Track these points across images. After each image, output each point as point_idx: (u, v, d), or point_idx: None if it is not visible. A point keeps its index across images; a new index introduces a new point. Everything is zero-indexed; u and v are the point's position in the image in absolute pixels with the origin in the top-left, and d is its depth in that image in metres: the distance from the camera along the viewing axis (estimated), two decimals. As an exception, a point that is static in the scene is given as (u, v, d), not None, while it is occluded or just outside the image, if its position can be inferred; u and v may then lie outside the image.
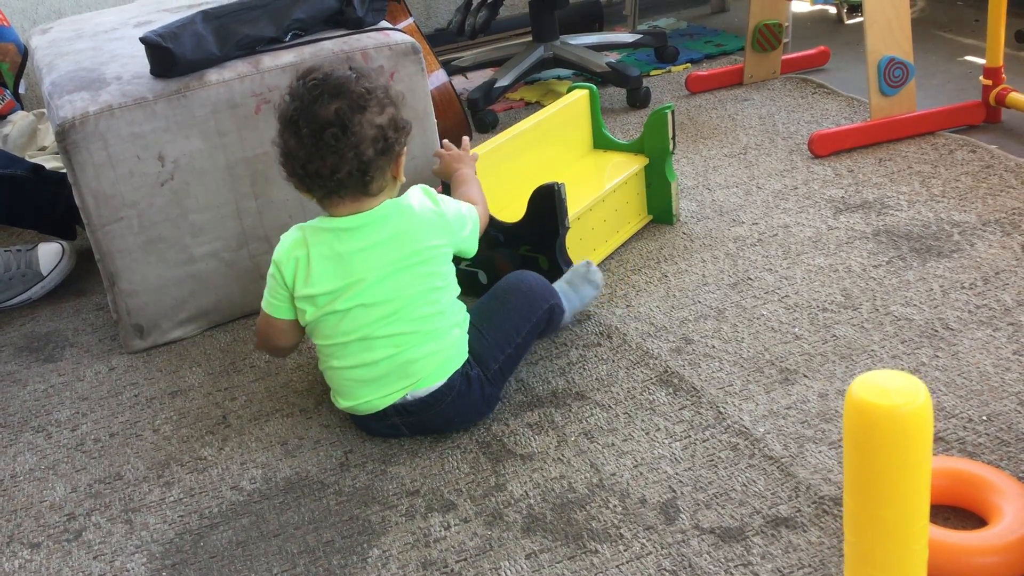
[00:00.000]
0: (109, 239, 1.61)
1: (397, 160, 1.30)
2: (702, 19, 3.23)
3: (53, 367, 1.69)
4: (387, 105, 1.27)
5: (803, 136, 2.17)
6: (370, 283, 1.28)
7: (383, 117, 1.26)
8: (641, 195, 1.86)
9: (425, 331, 1.31)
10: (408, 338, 1.30)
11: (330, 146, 1.22)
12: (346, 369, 1.33)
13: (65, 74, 1.69)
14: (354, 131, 1.23)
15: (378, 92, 1.26)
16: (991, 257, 1.61)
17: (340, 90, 1.23)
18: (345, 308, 1.29)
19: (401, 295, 1.29)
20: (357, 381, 1.33)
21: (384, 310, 1.29)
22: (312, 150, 1.23)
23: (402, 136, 1.29)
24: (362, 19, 1.73)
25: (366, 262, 1.28)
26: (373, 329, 1.29)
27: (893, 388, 0.70)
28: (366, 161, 1.24)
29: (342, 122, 1.22)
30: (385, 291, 1.29)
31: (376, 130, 1.25)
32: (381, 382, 1.32)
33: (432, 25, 3.20)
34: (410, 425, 1.35)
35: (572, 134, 1.91)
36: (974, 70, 2.38)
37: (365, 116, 1.24)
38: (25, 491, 1.38)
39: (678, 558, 1.11)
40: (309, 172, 1.25)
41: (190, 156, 1.61)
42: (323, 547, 1.20)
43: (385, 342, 1.30)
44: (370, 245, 1.29)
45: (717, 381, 1.40)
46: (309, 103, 1.23)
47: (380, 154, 1.26)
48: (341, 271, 1.29)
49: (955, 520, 1.12)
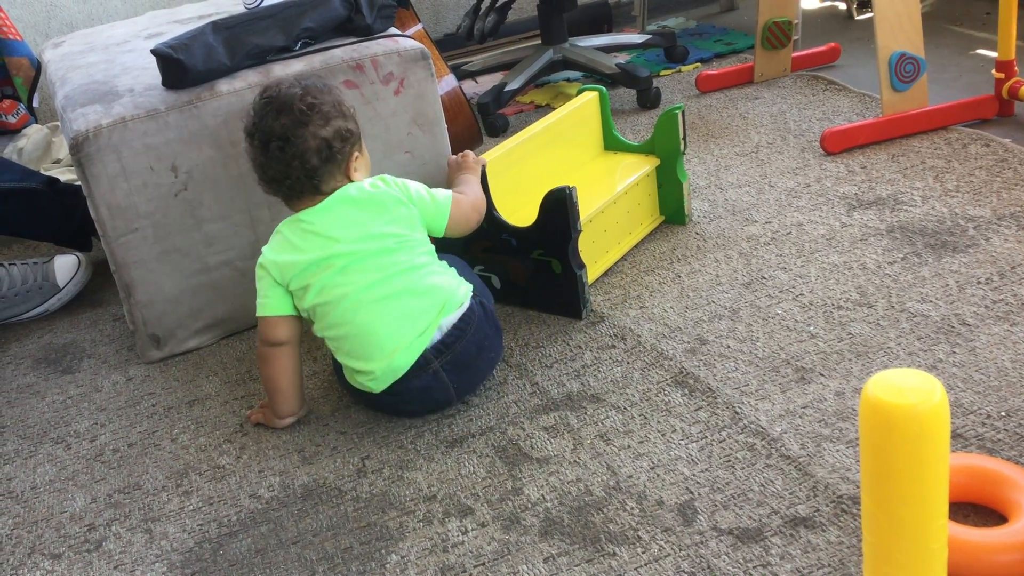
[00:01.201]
0: (124, 250, 1.62)
1: (347, 165, 1.41)
2: (711, 18, 3.23)
3: (71, 378, 1.70)
4: (333, 118, 1.40)
5: (815, 133, 2.16)
6: (351, 242, 1.37)
7: (327, 129, 1.38)
8: (653, 196, 1.86)
9: (426, 268, 1.40)
10: (419, 268, 1.39)
11: (276, 156, 1.38)
12: (373, 313, 1.36)
13: (78, 87, 1.70)
14: (295, 143, 1.37)
15: (323, 107, 1.39)
16: (1007, 251, 1.60)
17: (285, 107, 1.38)
18: (341, 269, 1.36)
19: (384, 249, 1.38)
20: (389, 322, 1.36)
21: (377, 265, 1.37)
22: (263, 159, 1.39)
23: (347, 145, 1.41)
24: (371, 26, 1.74)
25: (338, 226, 1.38)
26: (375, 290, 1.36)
27: (909, 387, 0.70)
28: (310, 169, 1.38)
29: (285, 135, 1.37)
30: (368, 247, 1.37)
31: (319, 141, 1.37)
32: (413, 315, 1.37)
33: (441, 30, 3.20)
34: (449, 366, 1.38)
35: (583, 136, 1.91)
36: (986, 64, 2.37)
37: (308, 129, 1.37)
38: (45, 502, 1.39)
39: (696, 560, 1.10)
40: (267, 177, 1.41)
41: (203, 166, 1.62)
42: (342, 554, 1.21)
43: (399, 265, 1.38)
44: (338, 216, 1.39)
45: (733, 381, 1.40)
46: (260, 118, 1.39)
47: (325, 162, 1.38)
48: (320, 241, 1.38)
49: (975, 517, 1.11)
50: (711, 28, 3.08)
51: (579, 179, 1.83)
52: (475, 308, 1.42)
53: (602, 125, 1.94)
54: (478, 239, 1.60)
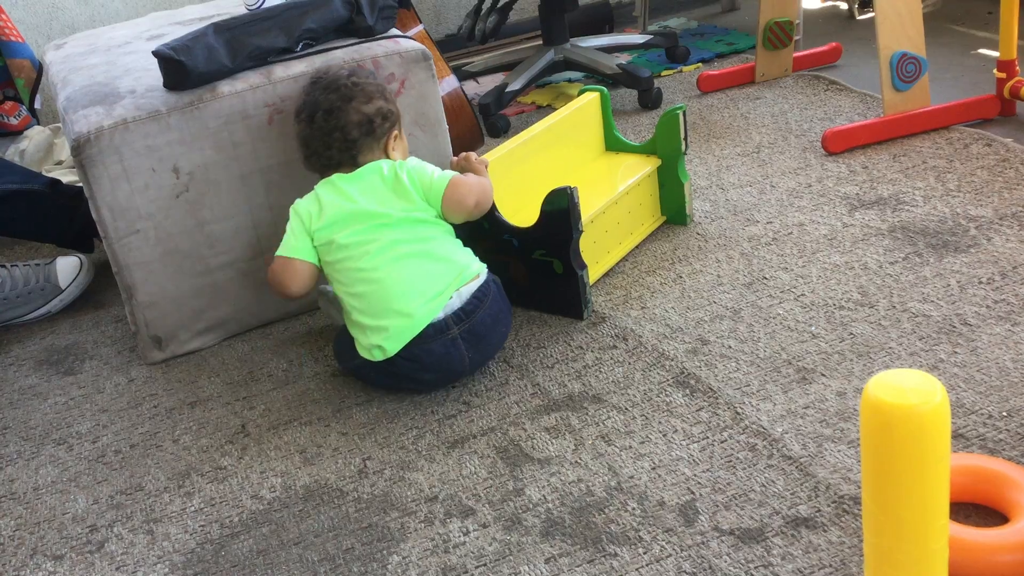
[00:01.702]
0: (126, 251, 1.62)
1: (385, 141, 1.52)
2: (712, 18, 3.23)
3: (73, 380, 1.71)
4: (375, 97, 1.51)
5: (816, 133, 2.16)
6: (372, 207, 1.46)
7: (370, 107, 1.50)
8: (654, 196, 1.86)
9: (443, 240, 1.49)
10: (431, 245, 1.47)
11: (319, 126, 1.49)
12: (395, 270, 1.43)
13: (79, 89, 1.71)
14: (338, 115, 1.48)
15: (367, 87, 1.52)
16: (1009, 251, 1.60)
17: (333, 84, 1.51)
18: (366, 227, 1.45)
19: (407, 219, 1.46)
20: (408, 282, 1.43)
21: (399, 228, 1.45)
22: (309, 132, 1.51)
23: (388, 123, 1.52)
24: (372, 27, 1.74)
25: (367, 192, 1.48)
26: (398, 247, 1.44)
27: (909, 387, 0.70)
28: (350, 140, 1.49)
29: (330, 107, 1.49)
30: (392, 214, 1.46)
31: (361, 116, 1.49)
32: (431, 276, 1.44)
33: (442, 31, 3.21)
34: (466, 334, 1.44)
35: (584, 137, 1.91)
36: (988, 63, 2.37)
37: (351, 104, 1.49)
38: (47, 503, 1.39)
39: (698, 560, 1.10)
40: (311, 151, 1.52)
41: (204, 168, 1.62)
42: (343, 555, 1.21)
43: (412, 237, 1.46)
44: (368, 184, 1.49)
45: (734, 382, 1.40)
46: (309, 94, 1.53)
47: (364, 135, 1.50)
48: (349, 202, 1.47)
49: (976, 517, 1.11)
50: (712, 28, 3.08)
51: (580, 179, 1.83)
52: (490, 283, 1.50)
53: (603, 126, 1.95)
54: (480, 239, 1.60)
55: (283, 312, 1.77)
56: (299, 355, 1.66)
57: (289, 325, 1.76)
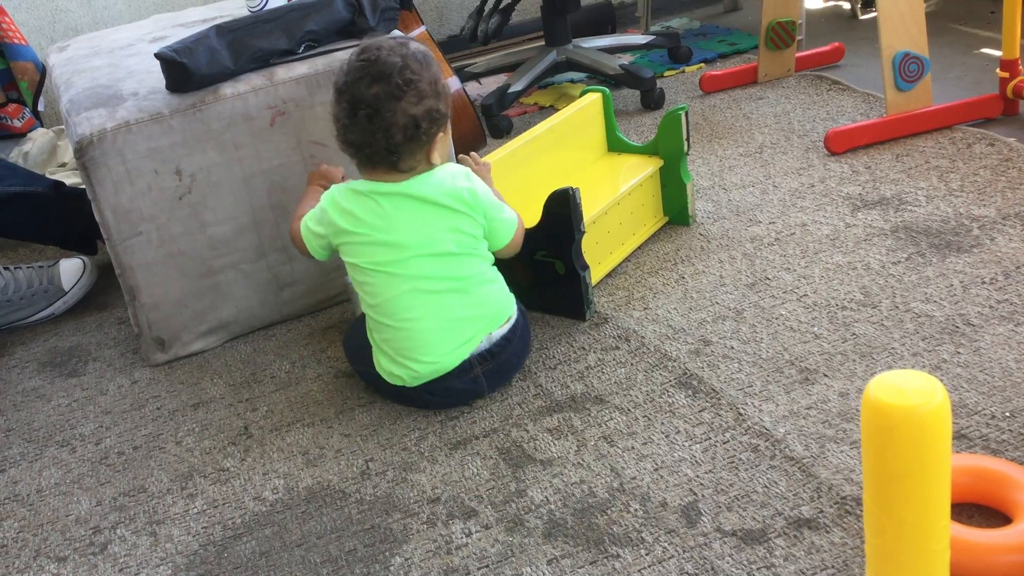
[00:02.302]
0: (129, 253, 1.62)
1: (430, 146, 1.37)
2: (715, 18, 3.22)
3: (76, 381, 1.71)
4: (426, 97, 1.34)
5: (819, 133, 2.16)
6: (411, 236, 1.37)
7: (419, 108, 1.33)
8: (657, 197, 1.86)
9: (484, 271, 1.42)
10: (473, 279, 1.40)
11: (361, 123, 1.33)
12: (417, 320, 1.38)
13: (82, 91, 1.71)
14: (384, 116, 1.32)
15: (420, 84, 1.33)
16: (1011, 251, 1.60)
17: (382, 76, 1.32)
18: (405, 257, 1.37)
19: (450, 246, 1.38)
20: (433, 332, 1.39)
21: (437, 263, 1.38)
22: (347, 123, 1.35)
23: (435, 127, 1.36)
24: (374, 29, 1.74)
25: (402, 221, 1.37)
26: (433, 270, 1.38)
27: (910, 388, 0.69)
28: (393, 144, 1.33)
29: (376, 106, 1.32)
30: (434, 243, 1.37)
31: (408, 119, 1.33)
32: (459, 327, 1.40)
33: (445, 32, 3.21)
34: (490, 372, 1.42)
35: (586, 138, 1.91)
36: (990, 63, 2.36)
37: (400, 105, 1.32)
38: (51, 505, 1.40)
39: (700, 561, 1.10)
40: (347, 140, 1.37)
41: (207, 169, 1.62)
42: (346, 556, 1.21)
43: (451, 284, 1.39)
44: (404, 211, 1.37)
45: (737, 382, 1.40)
46: (354, 80, 1.33)
47: (409, 140, 1.34)
48: (380, 226, 1.38)
49: (979, 518, 1.11)
50: (715, 28, 3.08)
51: (583, 180, 1.83)
52: (519, 320, 1.46)
53: (605, 126, 1.94)
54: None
55: (286, 314, 1.78)
56: (302, 357, 1.66)
57: (292, 327, 1.76)
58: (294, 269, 1.74)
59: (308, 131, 1.67)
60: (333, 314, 1.78)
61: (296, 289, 1.76)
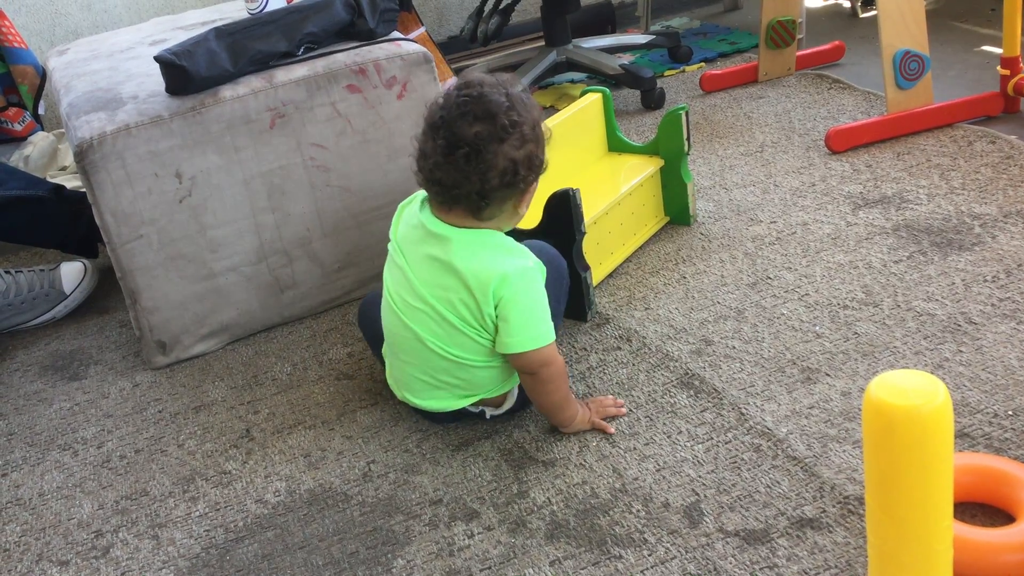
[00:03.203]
0: (130, 257, 1.62)
1: (521, 195, 1.29)
2: (715, 18, 3.22)
3: (78, 385, 1.71)
4: (528, 141, 1.25)
5: (820, 132, 2.15)
6: (425, 293, 1.29)
7: (520, 152, 1.24)
8: (657, 197, 1.85)
9: (485, 358, 1.32)
10: (468, 361, 1.31)
11: (458, 165, 1.22)
12: (407, 365, 1.35)
13: (82, 95, 1.71)
14: (486, 159, 1.22)
15: (524, 127, 1.24)
16: (1013, 249, 1.59)
17: (487, 115, 1.22)
18: (405, 299, 1.31)
19: (457, 322, 1.29)
20: (418, 381, 1.36)
21: (434, 326, 1.30)
22: (441, 160, 1.24)
23: (532, 174, 1.28)
24: (373, 30, 1.74)
25: (434, 273, 1.29)
26: (426, 335, 1.30)
27: (912, 388, 0.69)
28: (488, 189, 1.24)
29: (477, 147, 1.22)
30: (444, 310, 1.29)
31: (508, 163, 1.23)
32: (446, 388, 1.35)
33: (444, 33, 3.20)
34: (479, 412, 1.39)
35: (587, 138, 1.91)
36: (991, 60, 2.36)
37: (502, 147, 1.22)
38: (53, 509, 1.39)
39: (703, 562, 1.10)
40: (433, 178, 1.26)
41: (207, 172, 1.62)
42: (348, 558, 1.21)
43: (439, 354, 1.31)
44: (439, 259, 1.28)
45: (738, 382, 1.39)
46: (455, 117, 1.23)
47: (505, 186, 1.25)
48: (413, 263, 1.31)
49: (982, 517, 1.11)
50: (715, 28, 3.08)
51: (583, 181, 1.82)
52: (517, 403, 1.38)
53: (606, 126, 1.94)
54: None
55: (287, 316, 1.78)
56: (303, 359, 1.66)
57: (293, 329, 1.76)
58: (295, 271, 1.74)
59: (308, 133, 1.67)
60: (334, 316, 1.78)
61: (297, 292, 1.76)
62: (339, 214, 1.73)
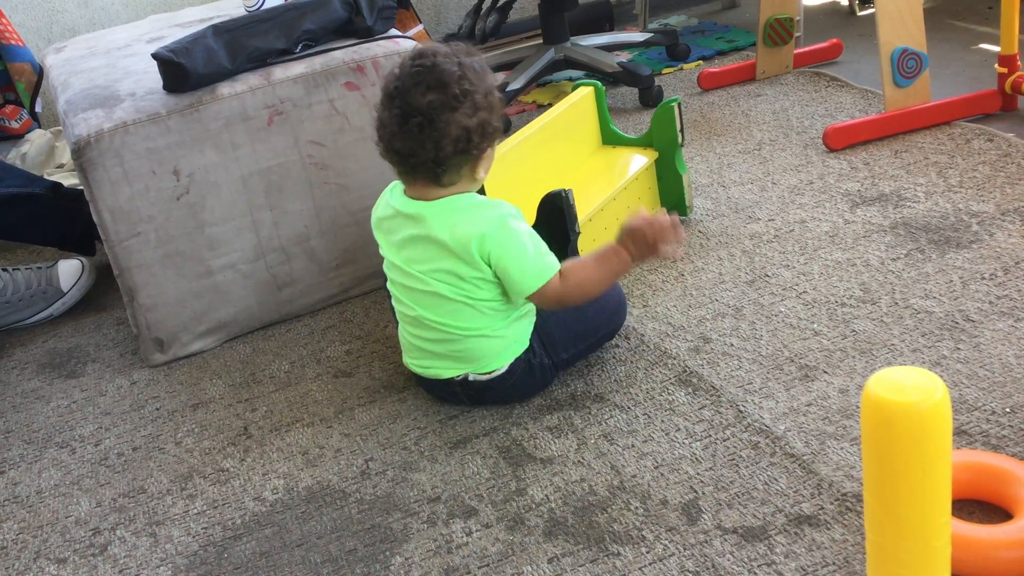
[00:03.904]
0: (127, 254, 1.62)
1: (476, 161, 1.32)
2: (713, 15, 3.22)
3: (76, 383, 1.71)
4: (481, 109, 1.28)
5: (818, 130, 2.15)
6: (421, 272, 1.34)
7: (473, 120, 1.28)
8: (653, 189, 1.85)
9: (479, 327, 1.36)
10: (460, 331, 1.36)
11: (412, 132, 1.26)
12: (410, 335, 1.42)
13: (79, 92, 1.71)
14: (438, 127, 1.26)
15: (476, 96, 1.28)
16: (1011, 247, 1.60)
17: (439, 84, 1.26)
18: (400, 282, 1.38)
19: (448, 291, 1.34)
20: (420, 350, 1.41)
21: (430, 302, 1.35)
22: (396, 130, 1.28)
23: (486, 141, 1.31)
24: (371, 28, 1.74)
25: (417, 251, 1.34)
26: (424, 311, 1.36)
27: (910, 384, 0.69)
28: (442, 156, 1.28)
29: (430, 115, 1.25)
30: (433, 283, 1.34)
31: (461, 131, 1.27)
32: (442, 359, 1.39)
33: (443, 30, 3.20)
34: (470, 396, 1.42)
35: (580, 132, 1.91)
36: (989, 58, 2.36)
37: (455, 116, 1.26)
38: (51, 507, 1.39)
39: (701, 559, 1.10)
40: (392, 148, 1.30)
41: (205, 170, 1.62)
42: (346, 556, 1.21)
43: (437, 328, 1.36)
44: (419, 237, 1.34)
45: (736, 379, 1.39)
46: (409, 87, 1.26)
47: (458, 153, 1.29)
48: (396, 247, 1.37)
49: (980, 514, 1.11)
50: (713, 25, 3.08)
51: (578, 177, 1.82)
52: (515, 370, 1.38)
53: (599, 120, 1.93)
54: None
55: (284, 313, 1.77)
56: (301, 357, 1.66)
57: (291, 326, 1.76)
58: (292, 269, 1.74)
59: (306, 131, 1.67)
60: (332, 314, 1.78)
61: (295, 289, 1.76)
62: (337, 211, 1.73)
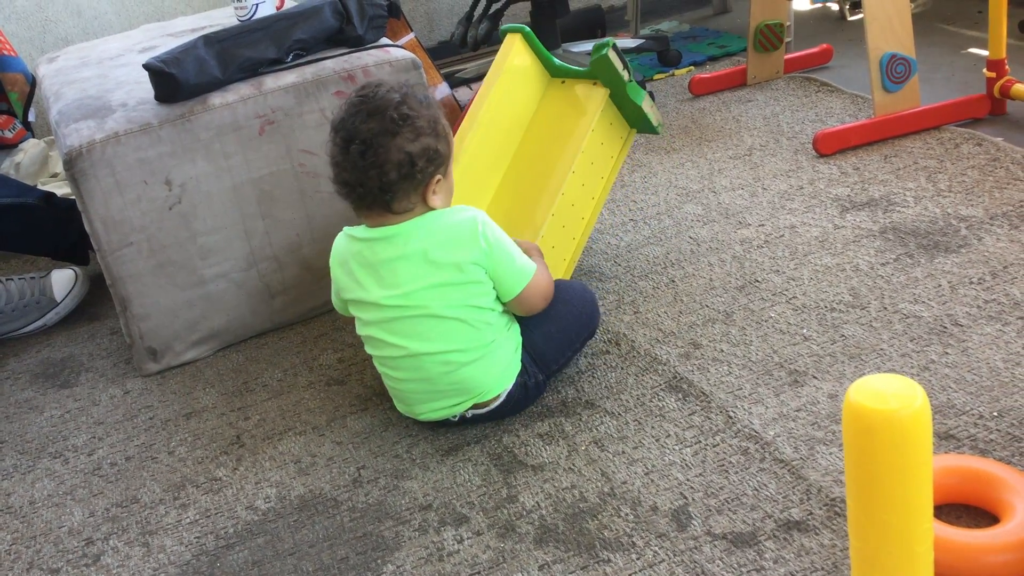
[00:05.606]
0: (120, 264, 1.62)
1: (425, 187, 1.31)
2: (704, 21, 3.23)
3: (69, 392, 1.71)
4: (424, 134, 1.29)
5: (808, 135, 2.16)
6: (408, 293, 1.31)
7: (415, 145, 1.28)
8: (616, 121, 1.70)
9: (474, 347, 1.34)
10: (458, 355, 1.33)
11: (354, 160, 1.28)
12: (404, 382, 1.37)
13: (72, 102, 1.71)
14: (377, 152, 1.26)
15: (417, 121, 1.28)
16: (999, 251, 1.60)
17: (377, 111, 1.28)
18: (382, 322, 1.34)
19: (441, 309, 1.31)
20: (415, 394, 1.38)
21: (422, 328, 1.32)
22: (341, 159, 1.29)
23: (432, 166, 1.30)
24: (362, 37, 1.75)
25: (401, 272, 1.32)
26: (416, 344, 1.33)
27: (890, 392, 0.70)
28: (386, 182, 1.28)
29: (368, 140, 1.27)
30: (425, 302, 1.31)
31: (403, 155, 1.27)
32: (440, 397, 1.36)
33: (435, 38, 3.21)
34: (469, 421, 1.41)
35: (524, 86, 1.76)
36: (978, 63, 2.37)
37: (395, 141, 1.27)
38: (44, 517, 1.40)
39: (691, 565, 1.11)
40: (340, 179, 1.31)
41: (196, 179, 1.63)
42: (338, 564, 1.21)
43: (432, 358, 1.33)
44: (401, 255, 1.31)
45: (726, 385, 1.40)
46: (350, 116, 1.29)
47: (404, 178, 1.28)
48: (373, 279, 1.33)
49: (967, 518, 1.11)
50: (704, 31, 3.09)
51: (538, 141, 1.71)
52: (513, 393, 1.38)
53: (540, 61, 1.79)
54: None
55: (277, 322, 1.78)
56: (293, 365, 1.67)
57: (283, 335, 1.77)
58: (285, 277, 1.75)
59: (297, 140, 1.68)
60: (324, 322, 1.78)
61: (287, 297, 1.77)
62: (329, 220, 1.74)
